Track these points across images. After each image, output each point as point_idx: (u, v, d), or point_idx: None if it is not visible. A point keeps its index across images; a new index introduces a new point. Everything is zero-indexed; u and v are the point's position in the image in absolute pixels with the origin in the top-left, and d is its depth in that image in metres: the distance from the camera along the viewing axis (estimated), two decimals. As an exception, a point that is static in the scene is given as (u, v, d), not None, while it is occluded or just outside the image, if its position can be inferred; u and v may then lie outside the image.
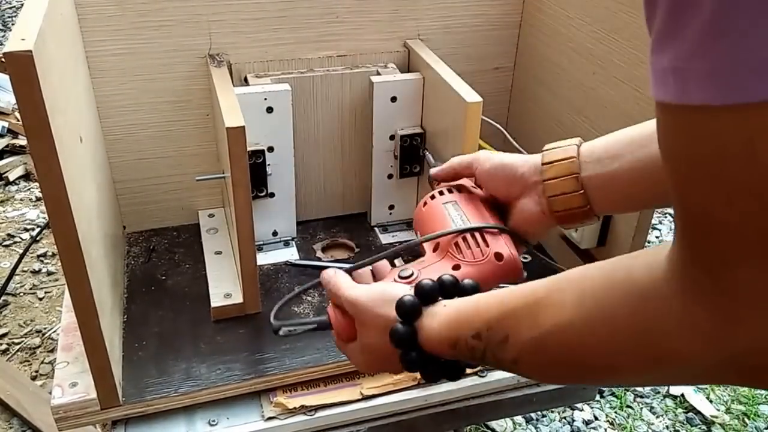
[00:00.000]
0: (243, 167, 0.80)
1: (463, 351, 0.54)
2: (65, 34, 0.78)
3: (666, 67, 0.33)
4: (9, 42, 0.56)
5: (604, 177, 0.66)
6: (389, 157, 1.05)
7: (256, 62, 0.99)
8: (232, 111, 0.81)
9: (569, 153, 0.67)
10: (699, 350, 0.37)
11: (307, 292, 0.94)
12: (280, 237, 1.05)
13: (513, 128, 1.11)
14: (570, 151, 0.67)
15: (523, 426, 1.59)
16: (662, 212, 2.26)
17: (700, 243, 0.35)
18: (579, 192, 0.67)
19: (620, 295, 0.41)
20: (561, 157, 0.68)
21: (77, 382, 0.77)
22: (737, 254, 0.34)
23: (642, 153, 0.64)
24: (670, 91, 0.33)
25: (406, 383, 0.83)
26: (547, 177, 0.68)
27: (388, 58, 1.05)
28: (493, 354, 0.51)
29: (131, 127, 0.98)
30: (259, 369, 0.81)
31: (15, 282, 1.90)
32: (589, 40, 0.92)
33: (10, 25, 3.49)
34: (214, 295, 0.90)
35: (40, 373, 1.66)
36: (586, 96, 0.94)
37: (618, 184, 0.66)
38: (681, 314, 0.37)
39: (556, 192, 0.67)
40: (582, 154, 0.68)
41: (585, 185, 0.67)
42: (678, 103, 0.33)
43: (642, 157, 0.64)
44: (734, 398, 1.68)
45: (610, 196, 0.67)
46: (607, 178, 0.66)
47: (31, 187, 2.32)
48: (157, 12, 0.92)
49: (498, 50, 1.11)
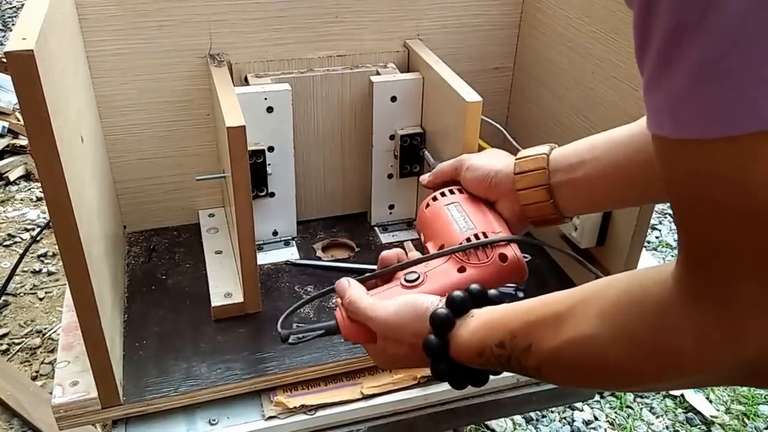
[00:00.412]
0: (243, 167, 0.80)
1: (489, 359, 0.56)
2: (66, 34, 0.78)
3: (660, 106, 0.36)
4: (10, 41, 0.56)
5: (569, 183, 0.70)
6: (389, 156, 1.05)
7: (256, 62, 0.99)
8: (233, 111, 0.81)
9: (539, 163, 0.71)
10: (713, 359, 0.39)
11: (308, 293, 0.94)
12: (280, 237, 1.05)
13: (512, 128, 1.11)
14: (540, 161, 0.71)
15: (523, 426, 1.59)
16: (662, 212, 2.26)
17: (702, 262, 0.38)
18: (549, 201, 0.71)
19: (638, 312, 0.44)
20: (532, 167, 0.71)
21: (78, 381, 0.77)
22: (738, 271, 0.36)
23: (604, 160, 0.68)
24: (665, 126, 0.35)
25: (406, 383, 0.83)
26: (519, 187, 0.72)
27: (387, 58, 1.05)
28: (518, 361, 0.54)
29: (132, 127, 0.98)
30: (259, 368, 0.81)
31: (15, 282, 1.90)
32: (588, 40, 0.93)
33: (11, 25, 3.50)
34: (214, 294, 0.90)
35: (41, 373, 1.67)
36: (586, 95, 0.95)
37: (582, 189, 0.70)
38: (694, 328, 0.39)
39: (528, 201, 0.71)
40: (551, 163, 0.71)
41: (554, 192, 0.71)
42: (674, 138, 0.35)
43: (604, 163, 0.68)
44: (734, 398, 1.68)
45: (576, 201, 0.71)
46: (571, 184, 0.70)
47: (31, 187, 2.32)
48: (157, 12, 0.92)
49: (498, 50, 1.12)
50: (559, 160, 0.71)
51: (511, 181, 0.72)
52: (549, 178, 0.70)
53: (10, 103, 2.53)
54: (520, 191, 0.71)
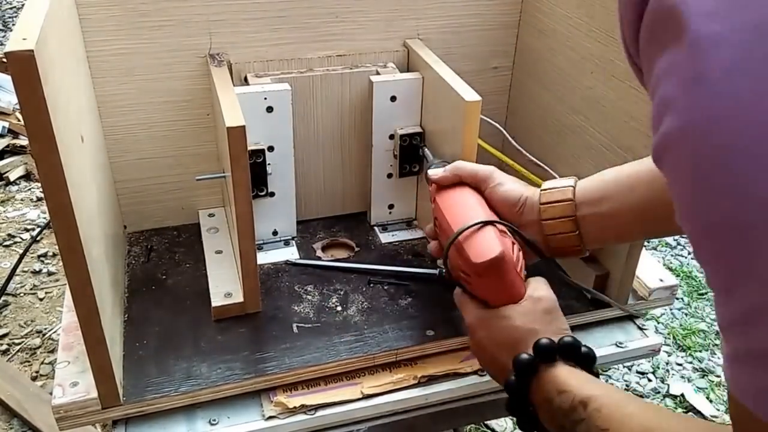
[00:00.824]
0: (243, 167, 0.80)
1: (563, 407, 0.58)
2: (66, 34, 0.78)
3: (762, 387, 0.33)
4: (10, 42, 0.56)
5: (594, 217, 0.72)
6: (389, 156, 1.05)
7: (256, 62, 1.00)
8: (233, 110, 0.81)
9: (566, 195, 0.73)
10: None
11: (307, 292, 0.94)
12: (280, 236, 1.05)
13: (512, 127, 1.11)
14: (567, 193, 0.73)
15: (523, 425, 1.59)
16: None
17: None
18: (575, 233, 0.73)
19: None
20: (558, 198, 0.73)
21: (78, 381, 0.77)
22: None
23: (631, 197, 0.70)
24: None
25: (406, 383, 0.83)
26: (545, 217, 0.74)
27: (387, 57, 1.05)
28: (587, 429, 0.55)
29: (132, 127, 0.99)
30: (260, 368, 0.81)
31: (15, 282, 1.91)
32: (587, 39, 0.93)
33: (11, 25, 3.50)
34: (214, 294, 0.90)
35: (41, 373, 1.67)
36: (585, 95, 0.95)
37: (608, 224, 0.72)
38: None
39: (554, 232, 0.73)
40: (577, 196, 0.73)
41: (579, 225, 0.73)
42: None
43: (631, 200, 0.70)
44: (734, 397, 1.68)
45: (601, 235, 0.73)
46: (597, 218, 0.72)
47: (31, 187, 2.32)
48: (157, 12, 0.92)
49: (497, 50, 1.12)
50: (584, 193, 0.73)
51: (537, 210, 0.74)
52: (576, 210, 0.72)
53: (10, 103, 2.53)
54: (546, 221, 0.73)
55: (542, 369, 0.62)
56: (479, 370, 0.85)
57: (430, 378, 0.84)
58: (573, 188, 0.73)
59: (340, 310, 0.91)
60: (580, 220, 0.72)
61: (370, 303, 0.92)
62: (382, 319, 0.89)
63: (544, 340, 0.63)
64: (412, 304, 0.92)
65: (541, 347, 0.62)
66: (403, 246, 1.05)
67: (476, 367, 0.85)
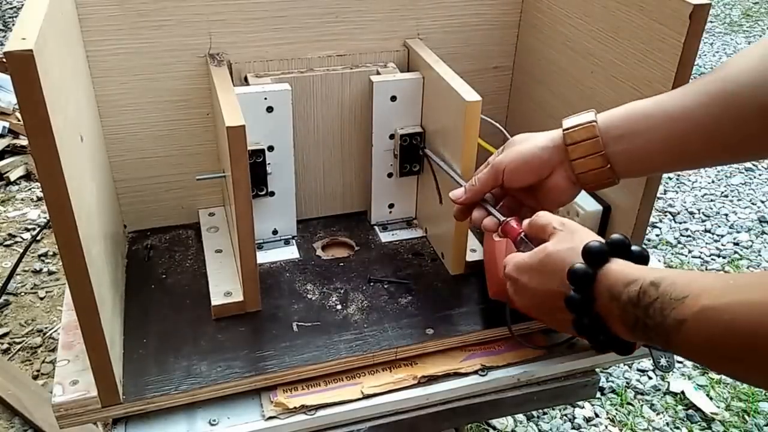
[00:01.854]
0: (243, 166, 0.80)
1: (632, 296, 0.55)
2: (66, 34, 0.78)
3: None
4: (10, 41, 0.56)
5: (625, 152, 0.73)
6: (389, 156, 1.05)
7: (256, 62, 1.00)
8: (233, 110, 0.81)
9: (592, 132, 0.74)
10: None
11: (307, 291, 0.94)
12: (280, 235, 1.05)
13: (512, 127, 1.11)
14: (592, 130, 0.74)
15: (524, 423, 1.59)
16: (662, 211, 2.26)
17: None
18: (606, 167, 0.74)
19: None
20: (584, 137, 0.74)
21: (78, 380, 0.77)
22: None
23: (661, 133, 0.70)
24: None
25: (406, 382, 0.83)
26: (573, 157, 0.75)
27: (387, 57, 1.05)
28: (662, 308, 0.52)
29: (131, 127, 0.99)
30: (259, 366, 0.81)
31: (16, 281, 1.91)
32: (587, 39, 0.93)
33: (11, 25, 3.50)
34: (214, 293, 0.91)
35: (42, 372, 1.67)
36: (585, 95, 0.95)
37: (638, 157, 0.73)
38: None
39: (585, 169, 0.74)
40: (602, 132, 0.73)
41: (610, 160, 0.73)
42: None
43: (661, 136, 0.70)
44: (734, 395, 1.68)
45: (633, 168, 0.74)
46: (628, 153, 0.73)
47: (32, 187, 2.32)
48: (157, 12, 0.92)
49: (497, 49, 1.12)
50: (609, 128, 0.73)
51: (563, 152, 0.75)
52: (603, 145, 0.73)
53: (10, 103, 2.53)
54: (575, 161, 0.74)
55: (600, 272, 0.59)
56: (479, 370, 0.85)
57: (430, 378, 0.84)
58: (596, 124, 0.73)
59: (340, 308, 0.91)
60: (609, 155, 0.73)
61: (370, 302, 0.92)
62: (381, 318, 0.89)
63: (594, 243, 0.59)
64: (411, 303, 0.92)
65: (592, 249, 0.59)
66: (403, 245, 1.05)
67: (476, 367, 0.85)
